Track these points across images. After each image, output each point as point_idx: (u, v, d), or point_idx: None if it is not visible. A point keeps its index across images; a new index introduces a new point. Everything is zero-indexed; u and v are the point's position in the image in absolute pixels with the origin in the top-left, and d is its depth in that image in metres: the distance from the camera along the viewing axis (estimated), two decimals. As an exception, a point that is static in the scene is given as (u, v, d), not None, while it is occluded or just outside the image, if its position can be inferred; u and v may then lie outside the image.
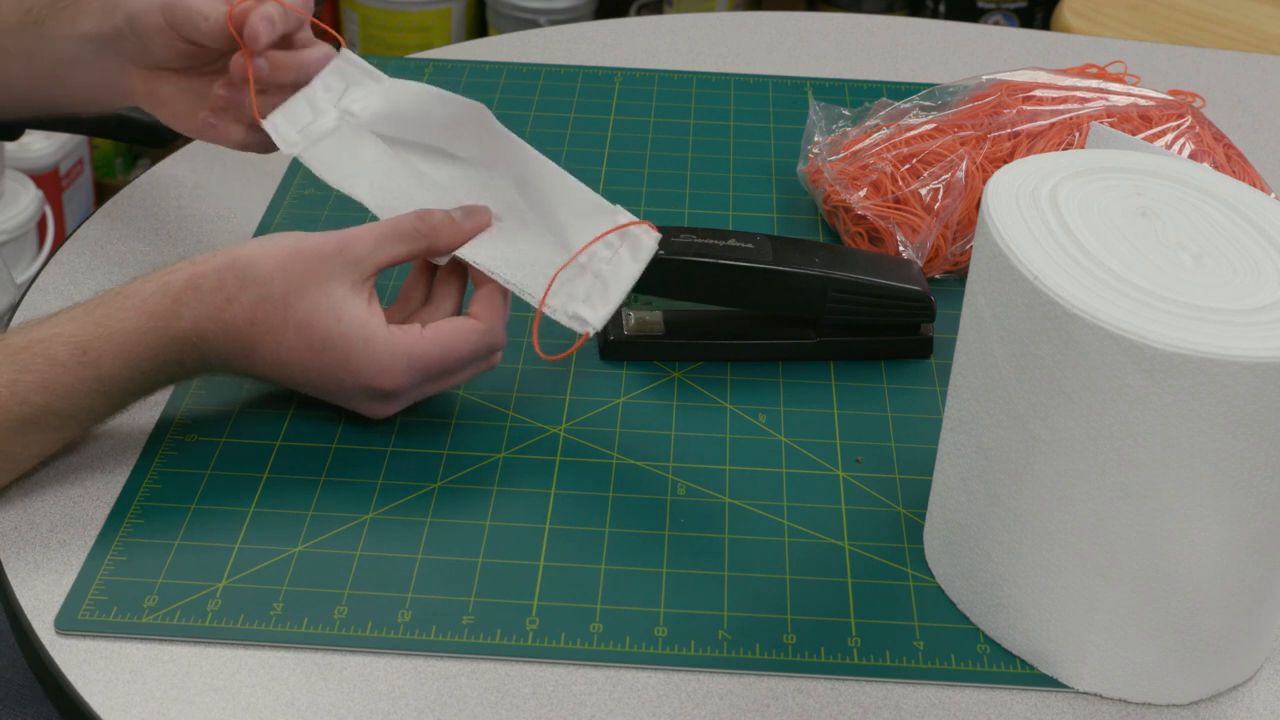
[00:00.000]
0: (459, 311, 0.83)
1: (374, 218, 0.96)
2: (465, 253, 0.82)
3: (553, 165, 0.83)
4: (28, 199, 1.94)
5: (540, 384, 0.87)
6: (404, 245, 0.80)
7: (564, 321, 0.80)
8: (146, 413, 0.83)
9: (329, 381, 0.79)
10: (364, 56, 1.22)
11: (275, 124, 0.87)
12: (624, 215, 0.80)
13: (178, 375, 0.79)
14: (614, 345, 0.89)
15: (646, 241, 0.79)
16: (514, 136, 0.84)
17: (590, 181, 1.06)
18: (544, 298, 0.80)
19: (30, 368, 0.75)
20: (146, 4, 0.87)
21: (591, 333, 0.80)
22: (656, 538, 0.78)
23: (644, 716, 0.69)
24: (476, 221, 0.82)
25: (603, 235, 0.79)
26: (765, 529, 0.78)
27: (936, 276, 0.98)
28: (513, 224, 0.83)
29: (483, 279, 0.82)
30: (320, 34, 0.94)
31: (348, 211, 1.01)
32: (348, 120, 0.87)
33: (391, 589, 0.74)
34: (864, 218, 0.98)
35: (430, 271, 0.84)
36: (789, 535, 0.78)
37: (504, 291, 0.82)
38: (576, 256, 0.80)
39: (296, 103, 0.88)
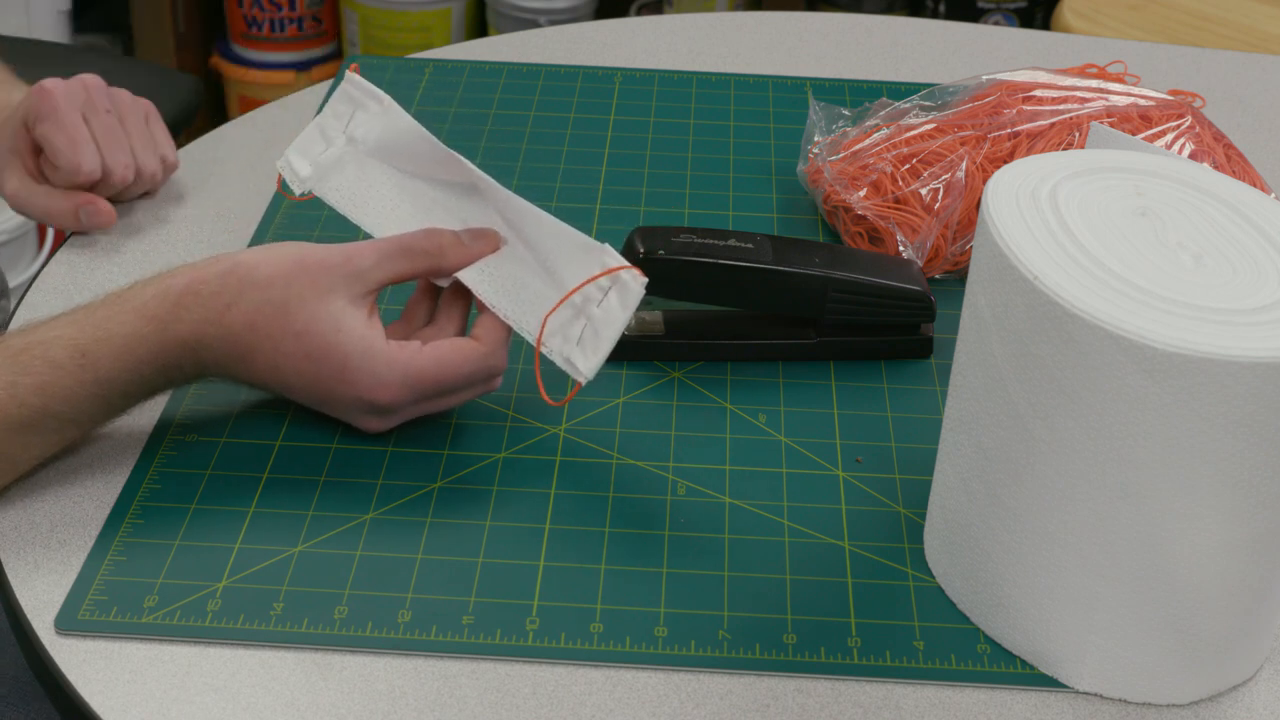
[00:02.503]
0: (463, 333, 0.83)
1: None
2: (468, 278, 0.82)
3: (533, 206, 0.82)
4: (28, 199, 1.94)
5: (540, 384, 0.87)
6: (409, 263, 0.80)
7: (559, 363, 0.80)
8: (146, 413, 0.83)
9: (324, 392, 0.79)
10: (364, 56, 1.22)
11: (289, 162, 0.87)
12: (611, 255, 0.80)
13: (175, 380, 0.79)
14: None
15: (634, 287, 0.79)
16: (492, 180, 0.83)
17: (590, 181, 1.06)
18: (540, 337, 0.80)
19: (29, 370, 0.75)
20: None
21: (584, 383, 0.80)
22: (656, 538, 0.78)
23: (644, 716, 0.69)
24: (484, 244, 0.82)
25: (594, 278, 0.79)
26: (765, 529, 0.78)
27: (936, 276, 0.98)
28: (510, 256, 0.83)
29: (480, 299, 0.82)
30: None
31: (348, 211, 1.01)
32: (355, 147, 0.86)
33: (391, 589, 0.74)
34: (864, 218, 0.98)
35: (435, 291, 0.84)
36: (789, 535, 0.78)
37: None
38: (569, 297, 0.80)
39: (310, 134, 0.87)
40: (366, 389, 0.79)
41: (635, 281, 0.79)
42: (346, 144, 0.87)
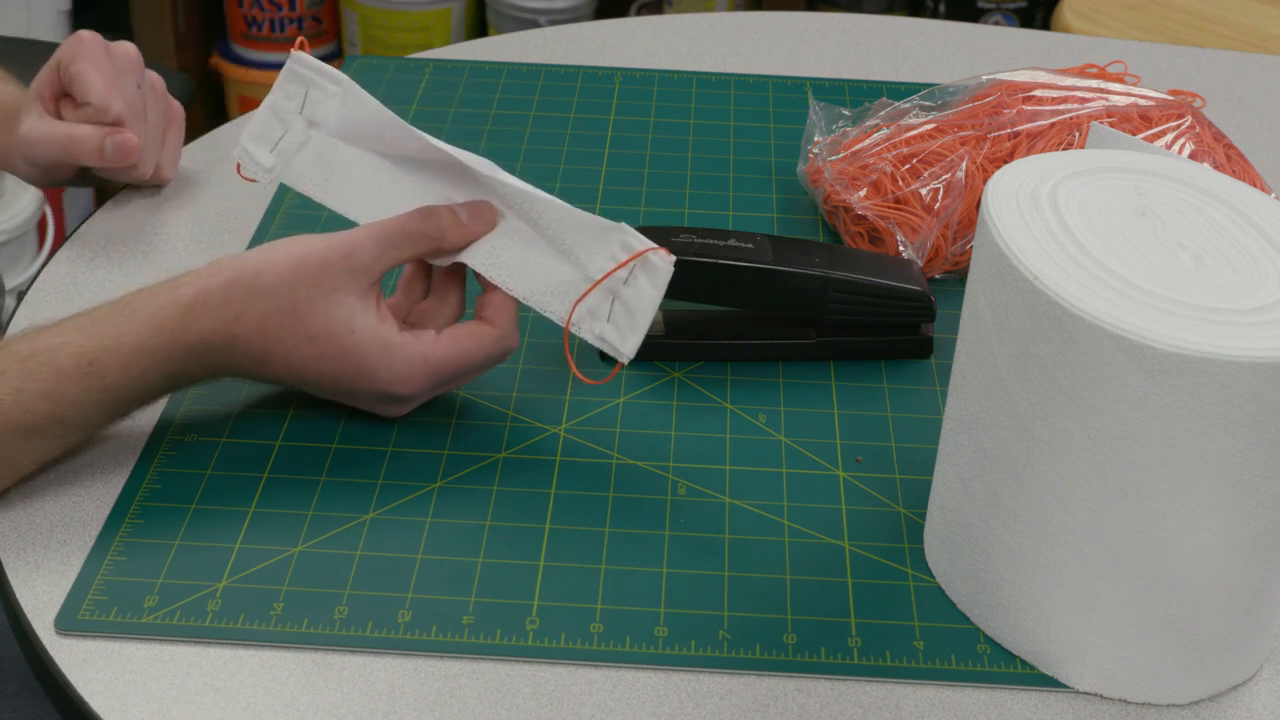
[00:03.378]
0: (463, 301, 0.83)
1: None
2: (474, 261, 0.81)
3: (528, 185, 0.82)
4: (28, 199, 1.94)
5: (540, 384, 0.87)
6: (411, 247, 0.80)
7: (591, 341, 0.80)
8: (146, 414, 0.83)
9: (344, 387, 0.80)
10: (364, 56, 1.22)
11: (246, 150, 0.86)
12: (631, 233, 0.79)
13: (182, 384, 0.79)
14: (614, 345, 0.89)
15: (662, 266, 0.79)
16: (483, 159, 0.82)
17: (590, 181, 1.06)
18: (569, 318, 0.80)
19: (36, 376, 0.75)
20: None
21: (625, 363, 0.80)
22: (656, 538, 0.78)
23: (644, 716, 0.69)
24: (483, 221, 0.82)
25: (624, 264, 0.79)
26: (765, 529, 0.78)
27: (936, 276, 0.98)
28: (512, 234, 0.82)
29: (490, 281, 0.82)
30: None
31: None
32: (317, 130, 0.85)
33: (391, 589, 0.74)
34: (864, 218, 0.98)
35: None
36: (789, 535, 0.78)
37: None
38: (601, 282, 0.79)
39: (262, 118, 0.86)
40: (386, 383, 0.79)
41: (664, 261, 0.79)
42: (307, 127, 0.85)
